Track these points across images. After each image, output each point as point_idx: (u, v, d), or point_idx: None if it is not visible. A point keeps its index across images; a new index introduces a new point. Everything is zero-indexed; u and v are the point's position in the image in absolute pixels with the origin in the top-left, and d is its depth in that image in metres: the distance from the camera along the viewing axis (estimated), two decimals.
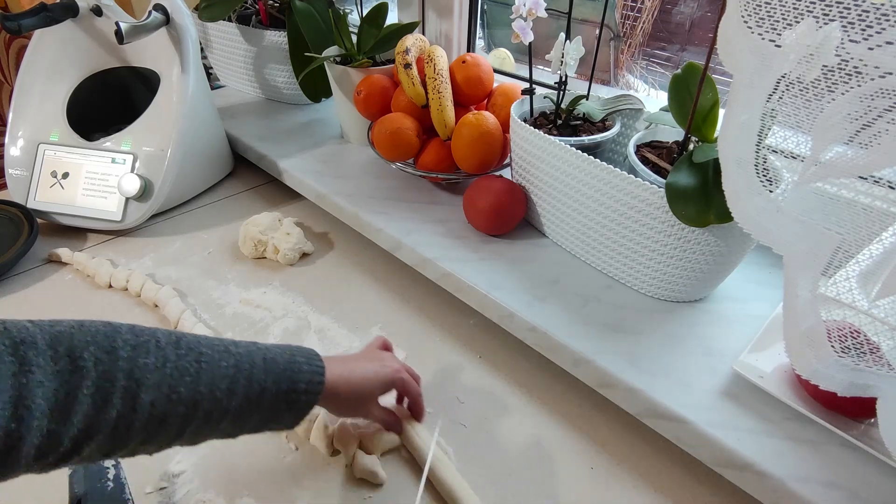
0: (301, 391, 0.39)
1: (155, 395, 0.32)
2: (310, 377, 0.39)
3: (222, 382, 0.35)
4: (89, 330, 0.31)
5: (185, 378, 0.33)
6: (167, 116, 0.75)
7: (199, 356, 0.34)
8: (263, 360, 0.38)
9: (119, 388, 0.30)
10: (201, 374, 0.34)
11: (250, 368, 0.36)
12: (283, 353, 0.39)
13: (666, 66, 0.99)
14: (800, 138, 0.39)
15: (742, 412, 0.45)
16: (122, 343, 0.32)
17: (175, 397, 0.32)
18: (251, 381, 0.36)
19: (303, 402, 0.39)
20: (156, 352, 0.33)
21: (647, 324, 0.53)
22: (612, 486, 0.48)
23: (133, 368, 0.31)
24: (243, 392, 0.36)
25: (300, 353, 0.40)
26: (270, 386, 0.37)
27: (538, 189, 0.62)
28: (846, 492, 0.39)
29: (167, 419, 0.32)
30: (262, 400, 0.37)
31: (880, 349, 0.37)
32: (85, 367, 0.29)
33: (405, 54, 0.68)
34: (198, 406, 0.34)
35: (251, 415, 0.37)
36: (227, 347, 0.37)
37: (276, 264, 0.73)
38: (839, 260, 0.38)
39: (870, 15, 0.30)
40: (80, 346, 0.30)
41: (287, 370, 0.38)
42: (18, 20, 0.68)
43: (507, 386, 0.57)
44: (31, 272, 0.69)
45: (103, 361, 0.30)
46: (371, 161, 0.80)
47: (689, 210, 0.47)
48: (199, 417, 0.34)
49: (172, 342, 0.34)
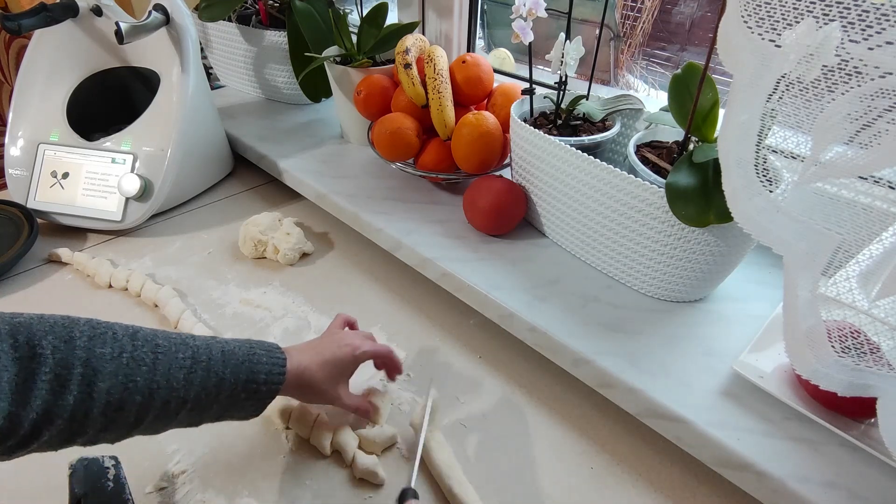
0: (261, 381, 0.40)
1: (111, 384, 0.33)
2: (269, 368, 0.41)
3: (179, 373, 0.36)
4: (48, 321, 0.33)
5: (141, 368, 0.35)
6: (167, 116, 0.75)
7: (156, 348, 0.36)
8: (222, 352, 0.39)
9: (76, 375, 0.32)
10: (157, 365, 0.35)
11: (208, 360, 0.38)
12: (242, 346, 0.41)
13: (666, 66, 0.99)
14: (800, 138, 0.39)
15: (742, 412, 0.45)
16: (79, 333, 0.33)
17: (132, 386, 0.34)
18: (209, 371, 0.37)
19: (263, 392, 0.40)
20: (112, 343, 0.34)
21: (647, 324, 0.53)
22: (612, 486, 0.48)
23: (90, 357, 0.33)
24: (200, 382, 0.37)
25: (260, 346, 0.42)
26: (228, 377, 0.38)
27: (538, 189, 0.62)
28: (846, 492, 0.39)
29: (124, 407, 0.34)
30: (220, 390, 0.38)
31: (880, 349, 0.37)
32: (43, 355, 0.31)
33: (405, 54, 0.68)
34: (154, 395, 0.35)
35: (210, 405, 0.38)
36: (185, 340, 0.38)
37: (276, 264, 0.73)
38: (839, 260, 0.38)
39: (870, 15, 0.30)
40: (39, 335, 0.32)
41: (246, 362, 0.40)
42: (18, 20, 0.68)
43: (507, 386, 0.57)
44: (31, 272, 0.69)
45: (60, 350, 0.32)
46: (371, 161, 0.80)
47: (689, 210, 0.47)
48: (156, 406, 0.35)
49: (129, 334, 0.36)
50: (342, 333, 0.50)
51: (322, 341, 0.48)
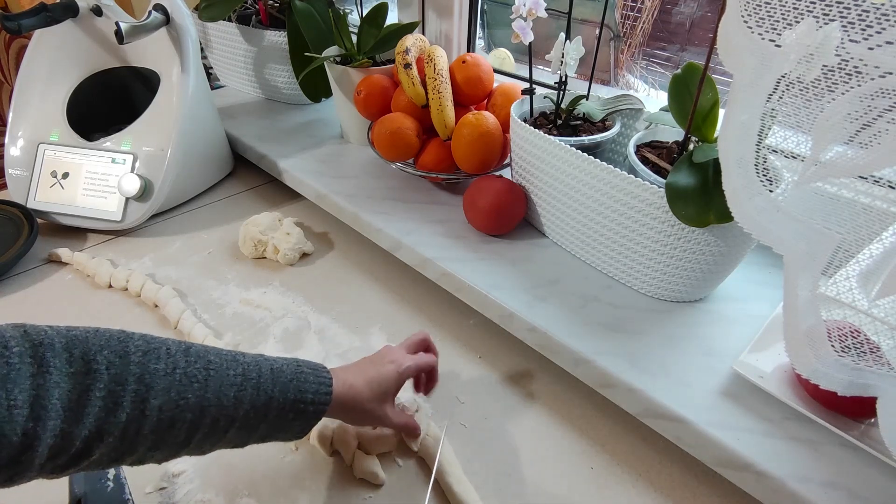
0: (308, 401, 0.39)
1: (164, 400, 0.33)
2: (316, 387, 0.40)
3: (230, 390, 0.35)
4: (103, 335, 0.33)
5: (193, 384, 0.34)
6: (167, 116, 0.75)
7: (208, 364, 0.35)
8: (271, 370, 0.38)
9: (129, 392, 0.31)
10: (209, 382, 0.35)
11: (257, 378, 0.37)
12: (289, 365, 0.40)
13: (666, 66, 0.99)
14: (800, 138, 0.39)
15: (742, 412, 0.45)
16: (134, 348, 0.33)
17: (183, 403, 0.33)
18: (258, 390, 0.37)
19: (311, 413, 0.40)
20: (166, 358, 0.34)
21: (647, 324, 0.53)
22: (612, 486, 0.48)
23: (144, 373, 0.32)
24: (250, 400, 0.36)
25: (307, 365, 0.41)
26: (277, 395, 0.38)
27: (538, 189, 0.62)
28: (846, 492, 0.39)
29: (175, 425, 0.33)
30: (269, 409, 0.37)
31: (880, 349, 0.37)
32: (98, 370, 0.31)
33: (405, 54, 0.68)
34: (205, 413, 0.34)
35: (258, 424, 0.37)
36: (235, 357, 0.38)
37: (276, 264, 0.73)
38: (839, 260, 0.38)
39: (870, 15, 0.30)
40: (94, 350, 0.31)
41: (294, 380, 0.39)
42: (18, 20, 0.68)
43: (506, 386, 0.57)
44: (31, 272, 0.69)
45: (115, 365, 0.31)
46: (371, 161, 0.80)
47: (689, 210, 0.47)
48: (206, 424, 0.35)
49: (182, 350, 0.35)
50: (385, 350, 0.49)
51: (365, 360, 0.47)
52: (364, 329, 0.63)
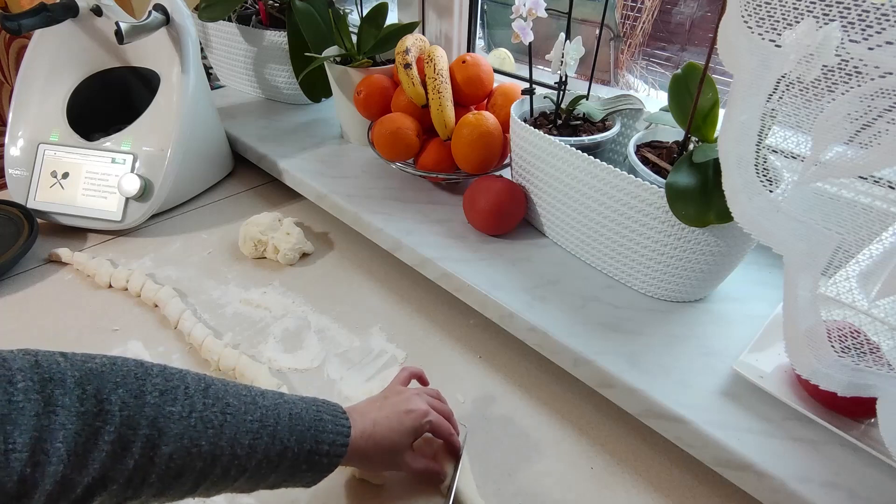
0: (323, 453, 0.37)
1: (175, 447, 0.31)
2: (333, 438, 0.38)
3: (245, 438, 0.34)
4: (120, 370, 0.31)
5: (207, 431, 0.32)
6: (167, 116, 0.75)
7: (226, 407, 0.34)
8: (290, 415, 0.36)
9: (141, 437, 0.30)
10: (225, 428, 0.33)
11: (275, 424, 0.35)
12: (308, 410, 0.38)
13: (666, 66, 0.99)
14: (800, 138, 0.39)
15: (742, 412, 0.45)
16: (152, 388, 0.31)
17: (195, 451, 0.32)
18: (274, 438, 0.35)
19: (324, 465, 0.38)
20: (183, 399, 0.32)
21: (647, 324, 0.53)
22: (612, 486, 0.48)
23: (158, 416, 0.30)
24: (264, 450, 0.35)
25: (326, 411, 0.39)
26: (293, 445, 0.36)
27: (538, 189, 0.62)
28: (846, 492, 0.39)
29: (184, 473, 0.32)
30: (282, 459, 0.36)
31: (880, 349, 0.37)
32: (110, 412, 0.29)
33: (405, 54, 0.68)
34: (216, 462, 0.33)
35: (269, 474, 0.36)
36: (255, 399, 0.36)
37: (276, 264, 0.73)
38: (839, 260, 0.38)
39: (870, 15, 0.30)
40: (109, 388, 0.29)
41: (311, 428, 0.37)
42: (18, 20, 0.68)
43: (507, 386, 0.57)
44: (31, 272, 0.69)
45: (129, 406, 0.30)
46: (371, 161, 0.80)
47: (689, 210, 0.47)
48: (216, 474, 0.33)
49: (201, 389, 0.33)
50: (407, 395, 0.45)
51: (386, 404, 0.44)
52: (364, 329, 0.63)
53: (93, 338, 0.60)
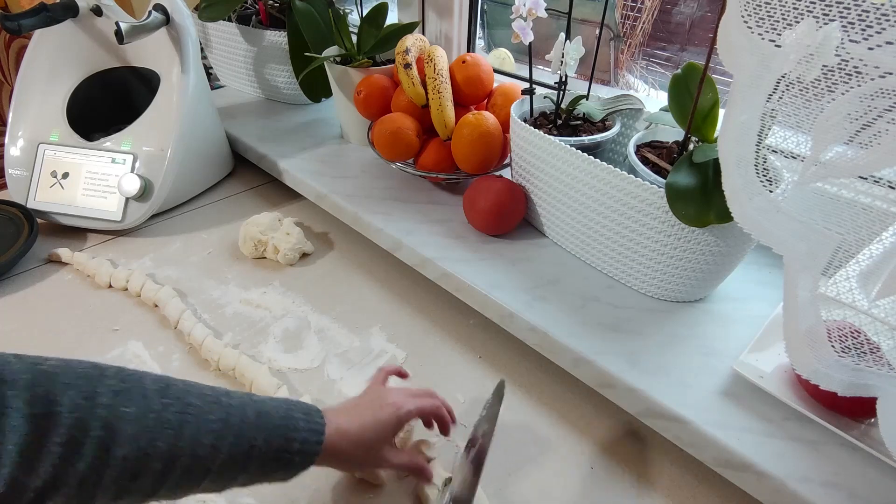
0: (295, 451, 0.36)
1: (130, 449, 0.30)
2: (306, 435, 0.37)
3: (207, 438, 0.32)
4: (75, 371, 0.30)
5: (166, 430, 0.31)
6: (167, 116, 0.75)
7: (185, 407, 0.32)
8: (257, 413, 0.35)
9: (91, 439, 0.29)
10: (184, 428, 0.32)
11: (240, 423, 0.34)
12: (279, 408, 0.37)
13: (666, 66, 0.99)
14: (800, 138, 0.39)
15: (742, 412, 0.45)
16: (105, 389, 0.30)
17: (151, 451, 0.30)
18: (240, 437, 0.34)
19: (296, 463, 0.37)
20: (139, 400, 0.31)
21: (647, 324, 0.53)
22: (612, 486, 0.48)
23: (110, 417, 0.29)
24: (229, 450, 0.33)
25: (298, 409, 0.38)
26: (261, 444, 0.34)
27: (538, 189, 0.62)
28: (846, 492, 0.39)
29: (140, 475, 0.31)
30: (249, 459, 0.34)
31: (880, 349, 0.37)
32: (60, 413, 0.28)
33: (405, 54, 0.68)
34: (175, 462, 0.31)
35: (237, 474, 0.35)
36: (219, 398, 0.35)
37: (276, 264, 0.73)
38: (839, 260, 0.38)
39: (870, 15, 0.30)
40: (60, 389, 0.29)
41: (281, 426, 0.36)
42: (18, 20, 0.68)
43: (507, 386, 0.57)
44: (31, 272, 0.69)
45: (80, 407, 0.29)
46: (371, 161, 0.80)
47: (689, 210, 0.47)
48: (176, 475, 0.32)
49: (159, 389, 0.32)
50: (383, 391, 0.45)
51: (361, 401, 0.43)
52: (364, 329, 0.63)
53: (93, 338, 0.60)
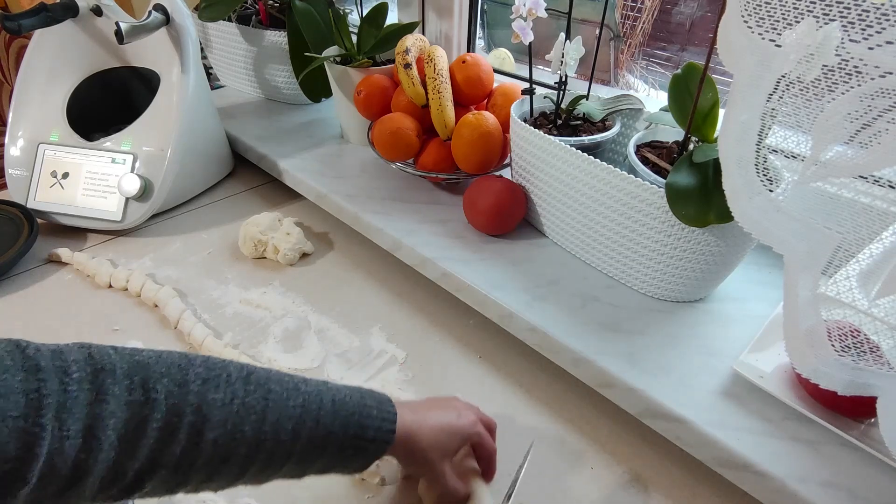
0: (369, 438, 0.37)
1: (219, 433, 0.32)
2: (379, 423, 0.38)
3: (288, 423, 0.34)
4: (166, 361, 0.32)
5: (250, 416, 0.33)
6: (167, 116, 0.75)
7: (268, 393, 0.34)
8: (332, 401, 0.36)
9: (186, 424, 0.30)
10: (267, 413, 0.33)
11: (318, 410, 0.35)
12: (353, 395, 0.38)
13: (666, 66, 0.99)
14: (800, 138, 0.39)
15: (742, 412, 0.45)
16: (195, 376, 0.32)
17: (239, 436, 0.32)
18: (318, 423, 0.35)
19: (371, 451, 0.38)
20: (225, 387, 0.33)
21: (647, 324, 0.53)
22: (612, 486, 0.48)
23: (201, 403, 0.31)
24: (308, 435, 0.35)
25: (371, 397, 0.39)
26: (337, 430, 0.36)
27: (538, 189, 0.62)
28: (846, 492, 0.39)
29: (230, 459, 0.32)
30: (327, 444, 0.36)
31: (880, 348, 0.37)
32: (157, 400, 0.30)
33: (405, 54, 0.68)
34: (261, 446, 0.33)
35: (316, 458, 0.36)
36: (297, 385, 0.36)
37: (276, 264, 0.73)
38: (839, 259, 0.38)
39: (870, 15, 0.30)
40: (155, 378, 0.30)
41: (356, 414, 0.37)
42: (18, 20, 0.68)
43: (506, 386, 0.57)
44: (31, 272, 0.69)
45: (174, 395, 0.31)
46: (371, 161, 0.80)
47: (689, 210, 0.47)
48: (261, 459, 0.34)
49: (243, 377, 0.34)
50: (460, 403, 0.46)
51: (438, 403, 0.44)
52: (364, 329, 0.63)
53: (93, 338, 0.60)
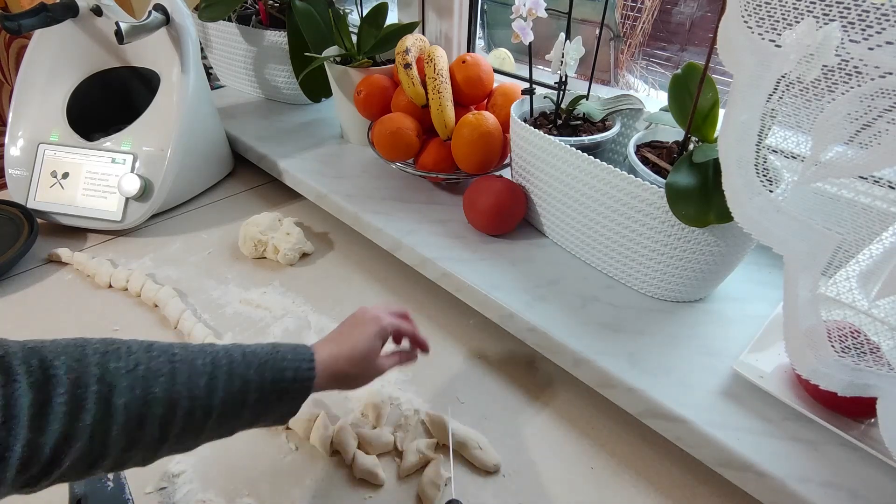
0: (289, 379, 0.38)
1: (129, 398, 0.32)
2: (297, 364, 0.39)
3: (200, 379, 0.35)
4: (60, 343, 0.32)
5: (158, 378, 0.33)
6: (167, 116, 0.75)
7: (173, 357, 0.35)
8: (243, 354, 0.37)
9: (91, 393, 0.31)
10: (176, 374, 0.34)
11: (229, 364, 0.36)
12: (264, 347, 0.39)
13: (666, 66, 0.99)
14: (800, 138, 0.39)
15: (742, 412, 0.45)
16: (92, 351, 0.32)
17: (150, 398, 0.33)
18: (231, 375, 0.36)
19: (295, 391, 0.39)
20: (126, 356, 0.33)
21: (647, 324, 0.53)
22: (612, 486, 0.48)
23: (104, 374, 0.32)
24: (224, 387, 0.35)
25: (283, 345, 0.40)
26: (253, 377, 0.37)
27: (538, 189, 0.62)
28: (846, 492, 0.39)
29: (145, 421, 0.32)
30: (246, 394, 0.36)
31: (880, 349, 0.37)
32: (56, 376, 0.30)
33: (405, 54, 0.68)
34: (176, 406, 0.33)
35: (240, 410, 0.36)
36: (203, 348, 0.37)
37: (276, 264, 0.73)
38: (839, 260, 0.38)
39: (870, 15, 0.30)
40: (51, 357, 0.31)
41: (269, 361, 0.38)
42: (18, 20, 0.68)
43: (506, 386, 0.57)
44: (31, 272, 0.69)
45: (74, 369, 0.31)
46: (371, 161, 0.80)
47: (689, 210, 0.47)
48: (180, 417, 0.34)
49: (144, 347, 0.35)
50: (360, 311, 0.47)
51: (344, 327, 0.46)
52: None
53: None
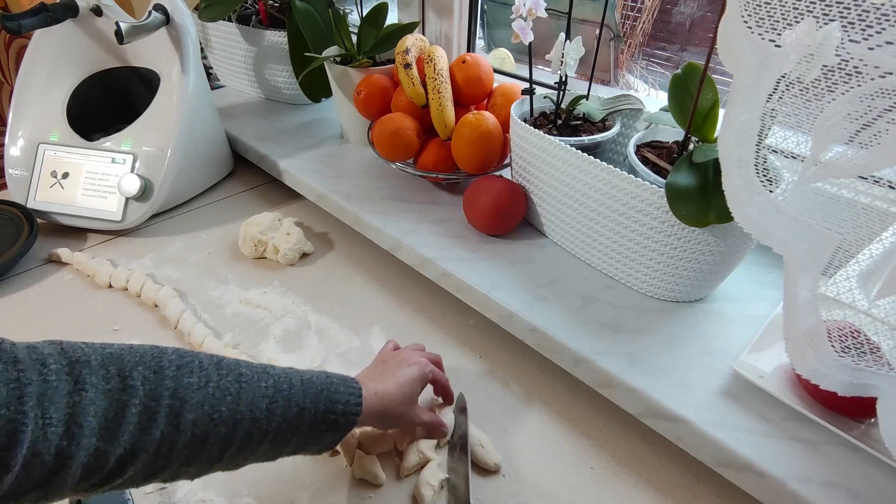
0: (339, 412, 0.39)
1: (197, 414, 0.33)
2: (347, 398, 0.40)
3: (262, 402, 0.36)
4: (138, 351, 0.33)
5: (226, 398, 0.34)
6: (167, 116, 0.75)
7: (240, 377, 0.36)
8: (301, 381, 0.38)
9: (164, 407, 0.31)
10: (241, 395, 0.35)
11: (288, 389, 0.37)
12: (318, 376, 0.40)
13: (666, 66, 0.99)
14: (800, 138, 0.39)
15: (742, 412, 0.45)
16: (168, 363, 0.33)
17: (216, 417, 0.33)
18: (290, 401, 0.37)
19: (342, 423, 0.40)
20: (199, 371, 0.34)
21: (647, 324, 0.53)
22: (612, 486, 0.48)
23: (178, 387, 0.32)
24: (282, 412, 0.36)
25: (335, 376, 0.41)
26: (309, 406, 0.38)
27: (538, 189, 0.62)
28: (846, 492, 0.39)
29: (208, 439, 0.33)
30: (300, 421, 0.37)
31: (880, 349, 0.37)
32: (134, 386, 0.31)
33: (405, 54, 0.68)
34: (237, 426, 0.34)
35: (291, 436, 0.37)
36: (266, 369, 0.38)
37: (276, 264, 0.73)
38: (839, 260, 0.38)
39: (870, 15, 0.30)
40: (130, 366, 0.31)
41: (324, 391, 0.39)
42: (18, 20, 0.68)
43: (506, 386, 0.57)
44: (31, 272, 0.69)
45: (150, 381, 0.32)
46: (371, 161, 0.80)
47: (689, 210, 0.47)
48: (239, 438, 0.35)
49: (214, 363, 0.35)
50: (403, 352, 0.50)
51: (387, 365, 0.48)
52: (364, 329, 0.63)
53: (93, 338, 0.59)
